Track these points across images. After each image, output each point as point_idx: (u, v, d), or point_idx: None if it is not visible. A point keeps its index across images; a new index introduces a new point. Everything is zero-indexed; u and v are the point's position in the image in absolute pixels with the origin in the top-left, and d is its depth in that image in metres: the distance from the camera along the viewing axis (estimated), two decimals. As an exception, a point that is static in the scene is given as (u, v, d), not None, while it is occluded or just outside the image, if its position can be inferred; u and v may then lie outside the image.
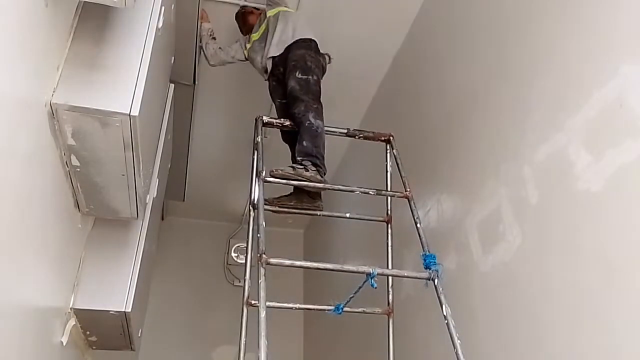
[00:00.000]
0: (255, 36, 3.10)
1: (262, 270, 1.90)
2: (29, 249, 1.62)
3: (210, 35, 3.25)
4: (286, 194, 2.69)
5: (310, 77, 2.77)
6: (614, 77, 1.62)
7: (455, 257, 2.44)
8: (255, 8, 3.22)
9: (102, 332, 2.39)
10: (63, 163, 1.81)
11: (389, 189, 2.63)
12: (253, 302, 2.21)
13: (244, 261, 2.54)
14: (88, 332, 2.38)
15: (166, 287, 5.00)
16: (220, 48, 3.24)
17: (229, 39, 3.36)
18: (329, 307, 2.49)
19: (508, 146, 2.15)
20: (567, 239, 1.75)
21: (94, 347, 2.54)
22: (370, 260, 3.40)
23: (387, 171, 2.71)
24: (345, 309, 2.44)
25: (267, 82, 3.06)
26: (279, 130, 2.86)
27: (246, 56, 3.18)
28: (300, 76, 2.76)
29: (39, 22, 1.48)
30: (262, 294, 1.83)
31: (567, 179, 1.77)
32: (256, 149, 2.56)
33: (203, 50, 3.24)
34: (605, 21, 1.71)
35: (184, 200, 4.64)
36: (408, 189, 2.51)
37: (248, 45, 3.14)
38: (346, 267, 2.28)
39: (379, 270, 2.09)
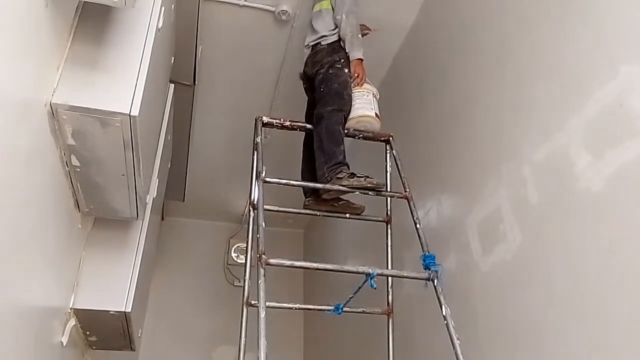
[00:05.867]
0: (325, 4, 2.85)
1: (261, 271, 1.90)
2: (29, 249, 1.62)
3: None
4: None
5: None
6: (614, 77, 1.62)
7: (455, 257, 2.44)
8: None
9: (102, 332, 2.39)
10: (63, 163, 1.81)
11: (388, 190, 2.63)
12: (253, 302, 2.22)
13: (244, 261, 2.54)
14: (88, 332, 2.38)
15: (166, 287, 5.00)
16: None
17: (228, 38, 3.35)
18: (329, 307, 2.50)
19: (508, 146, 2.15)
20: (567, 239, 1.75)
21: (94, 347, 2.54)
22: (370, 260, 3.40)
23: (386, 171, 2.71)
24: (345, 309, 2.45)
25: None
26: (279, 130, 2.77)
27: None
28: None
29: (39, 22, 1.48)
30: (262, 294, 1.84)
31: (567, 179, 1.77)
32: (256, 150, 2.55)
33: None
34: (606, 21, 1.71)
35: (184, 200, 4.65)
36: (407, 190, 2.52)
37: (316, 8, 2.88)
38: (346, 267, 2.29)
39: (379, 271, 2.09)
